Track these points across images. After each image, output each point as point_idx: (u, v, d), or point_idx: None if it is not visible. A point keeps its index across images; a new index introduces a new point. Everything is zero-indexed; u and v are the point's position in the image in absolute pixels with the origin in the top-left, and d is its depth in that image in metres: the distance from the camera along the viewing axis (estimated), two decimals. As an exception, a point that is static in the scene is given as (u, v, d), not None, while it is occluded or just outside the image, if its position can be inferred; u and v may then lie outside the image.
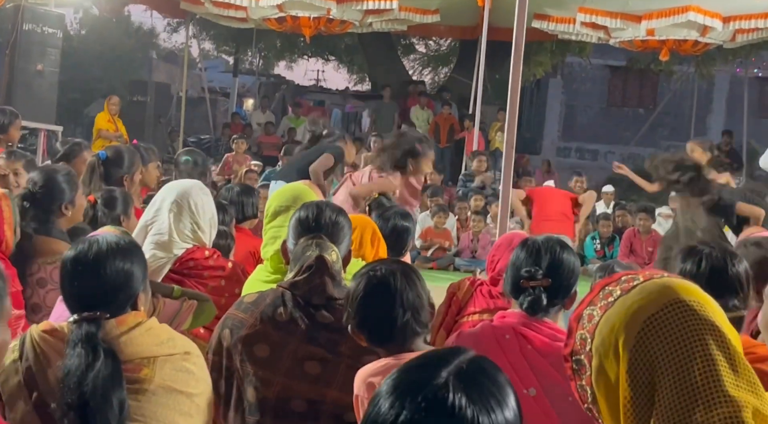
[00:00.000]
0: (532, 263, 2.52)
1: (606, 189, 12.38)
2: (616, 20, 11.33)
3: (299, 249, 2.46)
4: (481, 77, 10.83)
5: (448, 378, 1.11)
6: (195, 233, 3.46)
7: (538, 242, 2.59)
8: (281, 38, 20.22)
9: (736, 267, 2.52)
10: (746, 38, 12.02)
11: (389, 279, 2.21)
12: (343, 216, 2.62)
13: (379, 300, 2.20)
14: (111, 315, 2.14)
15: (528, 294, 2.48)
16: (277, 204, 3.10)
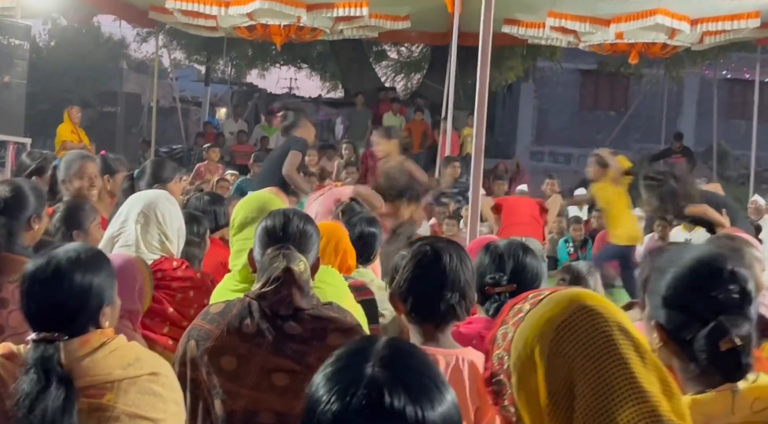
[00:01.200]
0: (496, 269, 2.52)
1: (578, 192, 12.41)
2: (586, 24, 11.38)
3: (266, 260, 2.42)
4: (453, 83, 10.83)
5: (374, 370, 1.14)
6: (163, 243, 3.42)
7: (501, 247, 2.59)
8: (253, 47, 20.17)
9: None
10: (714, 40, 12.12)
11: (443, 256, 2.23)
12: (311, 224, 2.59)
13: (432, 276, 2.22)
14: (72, 335, 2.06)
15: (494, 300, 2.48)
16: (243, 215, 3.05)
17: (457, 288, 2.20)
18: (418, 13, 12.04)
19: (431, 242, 2.30)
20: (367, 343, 1.22)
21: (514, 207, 8.70)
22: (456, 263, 2.21)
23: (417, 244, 2.29)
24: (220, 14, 11.48)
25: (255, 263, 2.52)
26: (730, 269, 1.79)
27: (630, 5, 10.60)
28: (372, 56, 22.16)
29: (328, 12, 11.35)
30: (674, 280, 1.80)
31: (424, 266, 2.20)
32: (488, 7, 4.87)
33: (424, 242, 2.29)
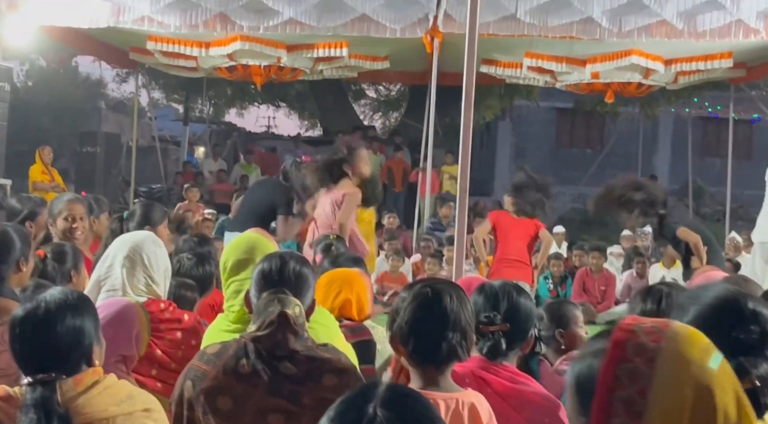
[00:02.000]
0: (490, 308, 2.56)
1: (557, 230, 12.53)
2: (562, 64, 11.56)
3: (262, 304, 2.46)
4: (432, 121, 10.95)
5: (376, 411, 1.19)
6: (149, 286, 3.44)
7: (496, 287, 2.63)
8: (232, 86, 20.24)
9: None
10: (688, 80, 12.34)
11: (444, 297, 2.24)
12: (307, 267, 2.63)
13: (433, 317, 2.23)
14: (66, 375, 2.11)
15: (487, 339, 2.51)
16: (236, 258, 3.08)
17: (458, 329, 2.22)
18: (396, 54, 12.17)
19: (431, 283, 2.32)
20: (369, 386, 1.26)
21: (508, 233, 8.44)
22: (456, 304, 2.24)
23: (417, 286, 2.32)
24: (201, 55, 11.55)
25: (251, 305, 2.55)
26: (751, 308, 1.80)
27: (605, 46, 10.77)
28: (350, 95, 22.31)
29: (309, 53, 11.45)
30: (696, 318, 1.80)
31: (425, 307, 2.23)
32: (471, 49, 4.95)
33: (424, 283, 2.32)
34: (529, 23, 10.02)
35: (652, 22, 9.85)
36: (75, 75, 28.02)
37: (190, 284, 3.92)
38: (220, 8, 10.10)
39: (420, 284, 2.32)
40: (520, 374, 2.50)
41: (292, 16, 10.07)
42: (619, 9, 9.81)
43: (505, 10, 9.92)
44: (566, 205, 23.54)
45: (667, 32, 9.89)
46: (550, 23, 10.02)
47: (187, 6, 10.07)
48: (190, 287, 3.92)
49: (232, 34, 10.68)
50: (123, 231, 4.51)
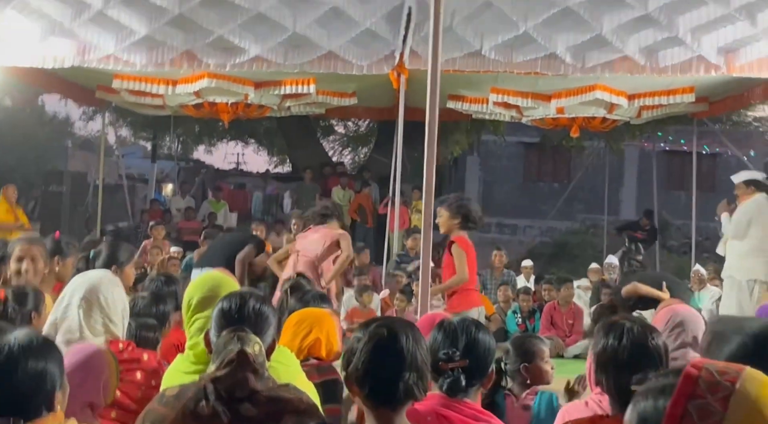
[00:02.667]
0: (449, 345, 2.54)
1: (525, 263, 12.57)
2: (527, 100, 11.68)
3: (221, 342, 2.43)
4: (400, 157, 10.99)
5: None
6: (107, 326, 3.40)
7: (454, 323, 2.62)
8: (200, 123, 20.24)
9: (655, 341, 2.58)
10: (651, 114, 12.52)
11: (399, 337, 2.21)
12: (267, 305, 2.61)
13: (389, 358, 2.19)
14: (25, 420, 2.07)
15: (447, 376, 2.50)
16: (200, 295, 3.06)
17: (414, 368, 2.20)
18: (364, 90, 12.24)
19: (386, 323, 2.30)
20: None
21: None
22: (412, 343, 2.22)
23: (372, 325, 2.29)
24: (167, 93, 11.53)
25: (211, 345, 2.52)
26: None
27: (569, 81, 10.91)
28: (319, 131, 22.38)
29: (276, 89, 11.48)
30: (739, 347, 1.81)
31: (381, 348, 2.20)
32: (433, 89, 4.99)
33: (380, 323, 2.29)
34: (494, 59, 10.14)
35: (614, 58, 10.01)
36: (41, 114, 27.86)
37: (151, 324, 3.87)
38: (186, 46, 10.11)
39: (375, 324, 2.29)
40: (482, 411, 2.49)
41: (258, 54, 10.11)
42: (582, 45, 9.96)
43: (470, 46, 10.04)
44: (535, 239, 23.70)
45: (629, 68, 10.05)
46: (514, 59, 10.15)
47: (153, 44, 10.07)
48: (151, 328, 3.87)
49: (199, 72, 10.69)
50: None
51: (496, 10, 9.77)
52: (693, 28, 9.65)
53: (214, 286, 3.07)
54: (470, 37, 9.99)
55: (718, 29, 9.69)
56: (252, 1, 9.68)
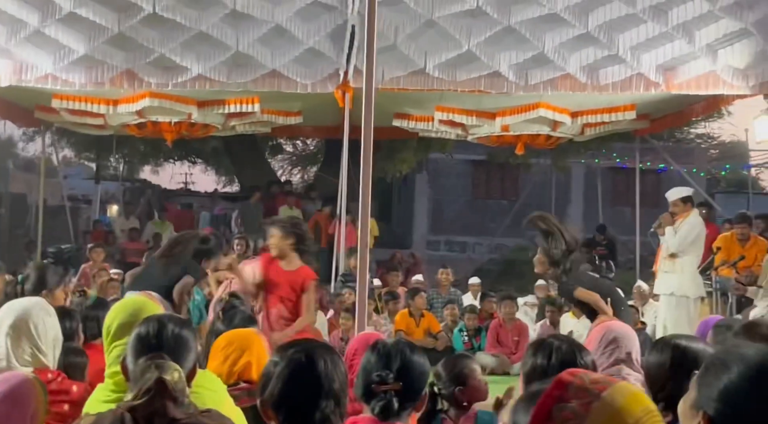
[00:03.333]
0: (382, 367, 2.48)
1: (472, 281, 12.57)
2: (472, 117, 11.75)
3: (138, 370, 2.34)
4: (346, 175, 10.94)
5: None
6: (35, 356, 3.28)
7: (388, 345, 2.57)
8: (145, 143, 19.97)
9: (584, 359, 2.56)
10: (594, 131, 12.67)
11: (317, 363, 2.15)
12: (187, 330, 2.52)
13: (305, 384, 2.14)
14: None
15: (379, 399, 2.44)
16: (120, 321, 2.95)
17: (331, 396, 2.15)
18: (310, 108, 12.20)
19: (305, 347, 2.23)
20: None
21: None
22: (330, 369, 2.17)
23: (290, 350, 2.22)
24: (109, 112, 11.35)
25: (128, 372, 2.43)
26: None
27: (513, 99, 11.00)
28: (267, 150, 22.25)
29: (220, 108, 11.38)
30: (740, 375, 1.77)
31: (299, 374, 2.14)
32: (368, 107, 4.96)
33: (298, 348, 2.22)
34: (438, 77, 10.17)
35: (556, 75, 10.12)
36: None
37: (78, 349, 3.75)
38: (126, 65, 9.96)
39: (293, 349, 2.23)
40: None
41: (201, 72, 10.01)
42: (525, 63, 10.06)
43: (414, 64, 10.07)
44: (483, 256, 23.79)
45: (571, 85, 10.17)
46: (458, 77, 10.20)
47: (93, 63, 9.91)
48: (79, 353, 3.74)
49: (141, 91, 10.55)
50: (18, 295, 4.33)
51: (439, 29, 9.82)
52: (632, 46, 9.80)
53: (135, 311, 2.97)
54: (414, 55, 10.01)
55: (657, 47, 9.86)
56: (194, 20, 9.58)
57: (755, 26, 9.24)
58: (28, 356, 3.29)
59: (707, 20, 9.37)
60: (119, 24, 9.52)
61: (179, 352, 2.44)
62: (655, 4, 9.28)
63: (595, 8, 9.51)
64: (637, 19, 9.50)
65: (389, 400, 2.43)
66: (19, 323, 3.29)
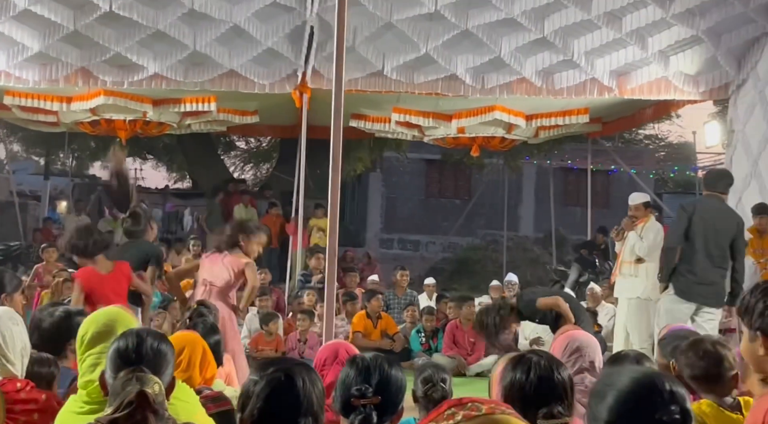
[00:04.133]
0: (362, 381, 2.53)
1: (428, 281, 12.62)
2: (429, 119, 11.83)
3: (119, 383, 2.35)
4: (303, 175, 10.95)
5: None
6: (3, 365, 3.25)
7: (367, 359, 2.62)
8: (96, 139, 19.69)
9: (561, 375, 2.63)
10: (548, 134, 12.86)
11: (296, 382, 2.18)
12: (165, 343, 2.54)
13: (285, 403, 2.16)
14: None
15: (358, 412, 2.48)
16: (94, 330, 2.95)
17: (310, 413, 2.19)
18: (266, 108, 12.17)
19: (284, 367, 2.26)
20: None
21: None
22: (309, 387, 2.21)
23: (270, 369, 2.24)
24: (62, 110, 11.20)
25: (107, 386, 2.43)
26: (669, 389, 1.87)
27: (470, 102, 11.11)
28: (220, 147, 22.09)
29: (175, 107, 11.30)
30: (616, 403, 1.85)
31: (278, 393, 2.17)
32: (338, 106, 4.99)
33: (277, 367, 2.25)
34: (395, 80, 10.26)
35: (512, 79, 10.26)
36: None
37: (45, 359, 3.72)
38: (81, 63, 9.86)
39: (273, 368, 2.25)
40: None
41: (157, 71, 9.95)
42: (482, 67, 10.18)
43: (372, 66, 10.13)
44: (437, 255, 23.93)
45: (526, 89, 10.33)
46: (416, 80, 10.29)
47: (47, 60, 9.79)
48: (45, 363, 3.71)
49: (95, 89, 10.43)
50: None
51: (397, 31, 9.89)
52: (587, 51, 9.99)
53: (110, 321, 2.97)
54: (372, 57, 10.07)
55: (610, 53, 10.06)
56: (151, 19, 9.51)
57: (706, 34, 9.47)
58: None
59: (660, 27, 9.57)
60: (75, 22, 9.41)
61: (158, 365, 2.46)
62: (610, 11, 9.45)
63: (551, 14, 9.66)
64: (592, 24, 9.67)
65: (368, 414, 2.48)
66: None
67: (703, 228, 7.17)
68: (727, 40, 9.63)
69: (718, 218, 7.23)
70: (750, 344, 2.29)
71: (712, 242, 7.18)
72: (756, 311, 2.25)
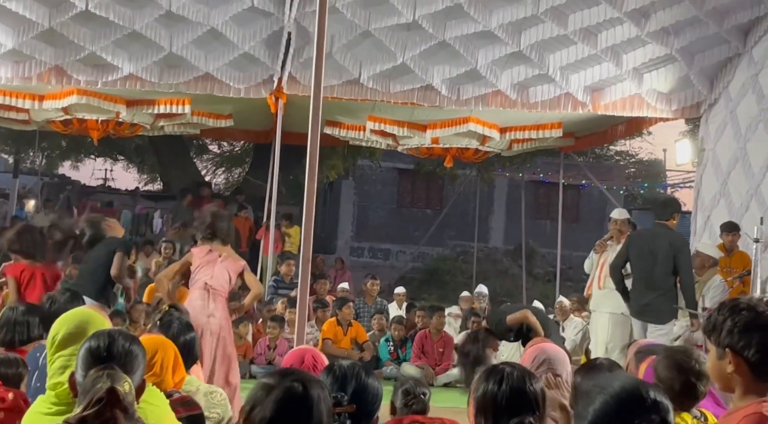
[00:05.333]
0: (338, 389, 2.52)
1: (398, 291, 12.64)
2: (404, 129, 11.84)
3: (89, 381, 2.32)
4: (276, 180, 10.92)
5: None
6: None
7: (344, 367, 2.61)
8: (66, 138, 19.51)
9: (533, 386, 2.65)
10: (521, 147, 12.92)
11: (312, 395, 2.13)
12: (136, 344, 2.53)
13: (298, 414, 2.12)
14: None
15: (334, 420, 2.47)
16: (66, 331, 2.92)
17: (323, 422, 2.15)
18: (241, 112, 12.12)
19: (300, 378, 2.18)
20: None
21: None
22: (322, 401, 2.15)
23: (286, 378, 2.19)
24: (33, 108, 11.08)
25: (77, 386, 2.41)
26: (653, 398, 1.99)
27: (445, 113, 11.14)
28: (193, 150, 21.98)
29: (149, 108, 11.22)
30: (602, 406, 1.98)
31: (293, 403, 2.11)
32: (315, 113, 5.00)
33: (294, 377, 2.19)
34: (372, 88, 10.27)
35: (488, 91, 10.32)
36: None
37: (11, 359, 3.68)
38: (55, 61, 9.78)
39: (290, 377, 2.19)
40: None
41: (132, 72, 9.88)
42: (458, 78, 10.23)
43: (349, 74, 10.14)
44: (407, 265, 23.97)
45: (501, 102, 10.38)
46: (392, 89, 10.32)
47: (20, 58, 9.70)
48: (12, 363, 3.67)
49: (68, 88, 10.33)
50: None
51: (374, 40, 9.91)
52: (562, 66, 10.07)
53: (82, 323, 2.95)
54: (349, 65, 10.08)
55: (585, 68, 10.15)
56: (127, 19, 9.46)
57: (680, 52, 9.58)
58: None
59: (635, 44, 9.68)
60: (50, 19, 9.34)
61: (129, 366, 2.45)
62: (586, 27, 9.53)
63: (528, 28, 9.73)
64: (568, 40, 9.75)
65: (343, 422, 2.47)
66: None
67: (637, 255, 7.68)
68: (700, 59, 9.76)
69: (650, 243, 7.63)
70: (718, 362, 2.34)
71: (644, 267, 7.61)
72: (724, 329, 2.30)
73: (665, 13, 9.22)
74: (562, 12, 9.47)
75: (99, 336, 2.50)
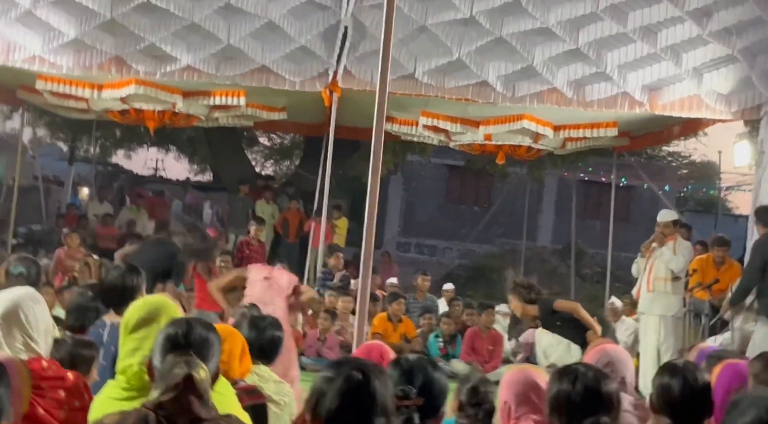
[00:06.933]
0: (405, 382, 2.52)
1: (446, 287, 12.62)
2: (456, 125, 11.79)
3: (167, 366, 2.36)
4: (328, 173, 10.96)
5: None
6: (28, 345, 3.33)
7: (411, 361, 2.61)
8: (120, 127, 19.80)
9: (608, 386, 2.63)
10: (575, 146, 12.78)
11: (373, 381, 2.15)
12: (213, 333, 2.56)
13: (361, 401, 2.14)
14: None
15: (401, 413, 2.47)
16: (139, 316, 2.99)
17: (384, 413, 2.16)
18: (294, 105, 12.19)
19: (360, 366, 2.22)
20: None
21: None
22: (383, 389, 2.18)
23: (345, 367, 2.21)
24: (92, 97, 11.24)
25: (154, 372, 2.45)
26: None
27: (498, 109, 11.08)
28: (243, 142, 22.16)
29: (205, 100, 11.33)
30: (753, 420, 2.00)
31: (356, 392, 2.14)
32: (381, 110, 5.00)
33: (354, 365, 2.22)
34: (426, 83, 10.24)
35: (543, 89, 10.22)
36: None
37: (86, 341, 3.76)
38: (116, 52, 9.92)
39: (349, 366, 2.22)
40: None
41: (189, 63, 9.99)
42: (513, 75, 10.15)
43: (404, 69, 10.12)
44: (453, 262, 23.90)
45: (557, 100, 10.27)
46: (447, 85, 10.27)
47: (81, 47, 9.85)
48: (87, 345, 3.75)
49: (127, 78, 10.48)
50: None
51: (430, 35, 9.89)
52: (620, 64, 9.93)
53: (154, 309, 3.01)
54: (404, 59, 10.07)
55: (644, 67, 10.00)
56: (187, 10, 9.56)
57: (742, 53, 9.39)
58: (21, 344, 3.33)
59: (695, 44, 9.51)
60: (112, 10, 9.48)
61: (205, 353, 2.48)
62: (646, 25, 9.40)
63: (587, 25, 9.62)
64: (627, 38, 9.62)
65: (410, 415, 2.47)
66: (9, 313, 3.33)
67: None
68: (762, 60, 9.55)
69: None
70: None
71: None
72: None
73: (728, 12, 9.04)
74: (621, 10, 9.35)
75: (178, 323, 2.54)
